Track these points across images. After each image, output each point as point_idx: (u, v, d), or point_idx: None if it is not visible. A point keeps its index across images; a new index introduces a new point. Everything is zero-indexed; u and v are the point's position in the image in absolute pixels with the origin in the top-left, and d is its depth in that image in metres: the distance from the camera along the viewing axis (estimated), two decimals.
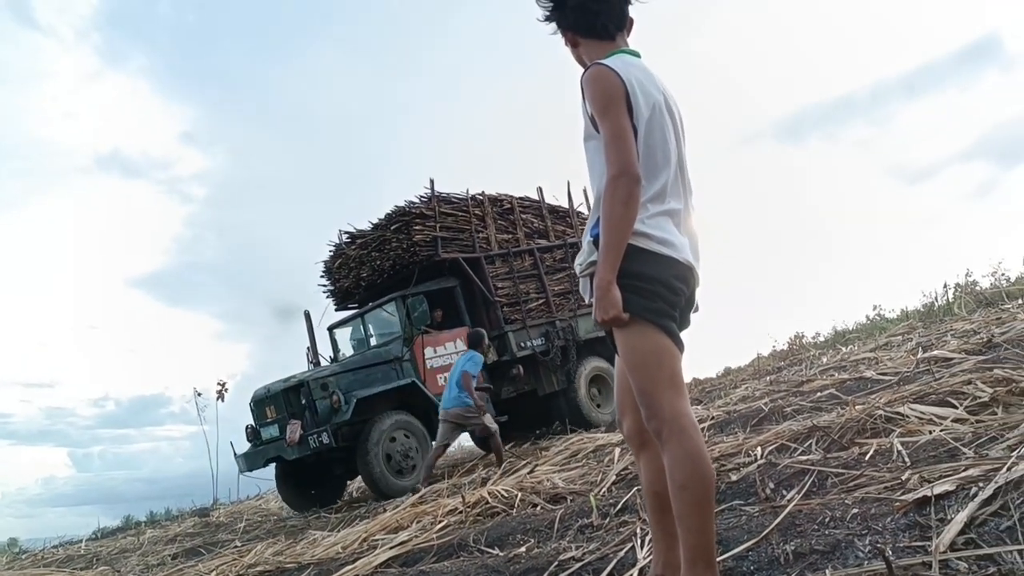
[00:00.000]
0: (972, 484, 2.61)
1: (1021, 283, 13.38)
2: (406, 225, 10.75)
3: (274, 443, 9.66)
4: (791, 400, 6.04)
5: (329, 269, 12.18)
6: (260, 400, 10.13)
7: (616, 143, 2.19)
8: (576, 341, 11.62)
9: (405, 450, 9.25)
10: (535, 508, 4.75)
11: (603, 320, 2.18)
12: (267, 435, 9.95)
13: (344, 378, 9.71)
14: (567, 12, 2.45)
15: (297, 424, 9.23)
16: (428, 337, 10.27)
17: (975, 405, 3.91)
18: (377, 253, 11.08)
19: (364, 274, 11.28)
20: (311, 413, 9.40)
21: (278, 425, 9.72)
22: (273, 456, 9.72)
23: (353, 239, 11.70)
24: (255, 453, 10.02)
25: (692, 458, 2.12)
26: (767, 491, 3.41)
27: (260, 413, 10.11)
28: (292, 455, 9.23)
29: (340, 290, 11.97)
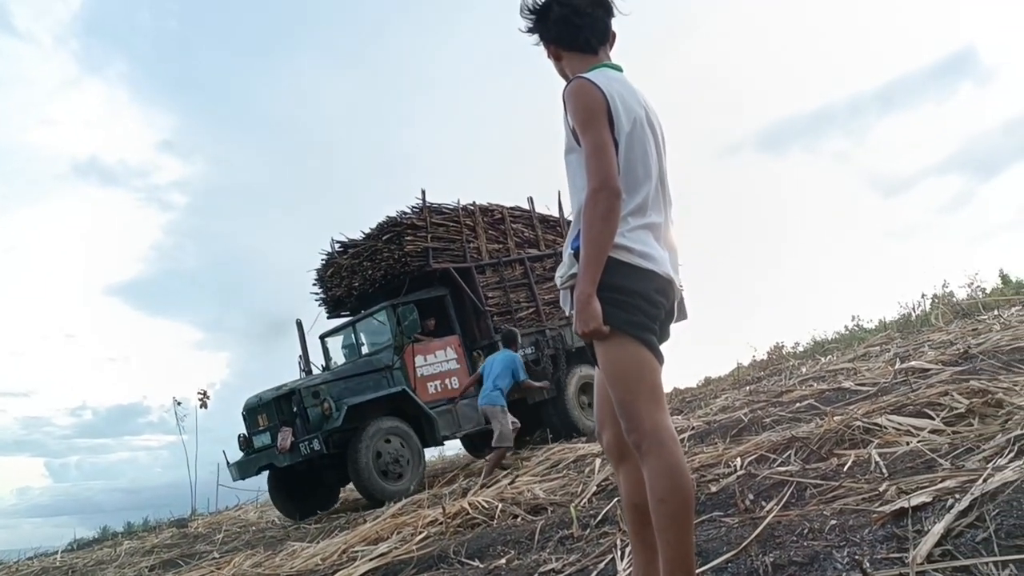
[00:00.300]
0: (948, 496, 2.64)
1: (997, 294, 13.54)
2: (397, 235, 10.82)
3: (266, 451, 9.70)
4: (770, 410, 6.07)
5: (321, 278, 12.23)
6: (252, 408, 10.16)
7: (597, 157, 2.20)
8: (565, 349, 11.71)
9: (395, 456, 9.31)
10: (516, 519, 4.74)
11: (583, 332, 2.19)
12: (259, 443, 9.97)
13: (335, 386, 9.78)
14: (550, 25, 2.47)
15: (288, 431, 9.29)
16: (419, 345, 10.35)
17: (952, 416, 3.95)
18: (369, 263, 11.16)
19: (356, 283, 11.36)
20: (302, 420, 9.45)
21: (270, 433, 9.75)
22: (265, 464, 9.78)
23: (345, 248, 11.79)
24: (247, 461, 10.05)
25: (671, 471, 2.13)
26: (746, 502, 3.42)
27: (252, 421, 10.14)
28: (283, 462, 9.31)
29: (332, 299, 12.03)
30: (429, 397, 10.04)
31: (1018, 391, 4.01)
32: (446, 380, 10.48)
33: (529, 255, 12.09)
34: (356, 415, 9.39)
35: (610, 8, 2.46)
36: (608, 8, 2.45)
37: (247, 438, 10.21)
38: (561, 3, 2.42)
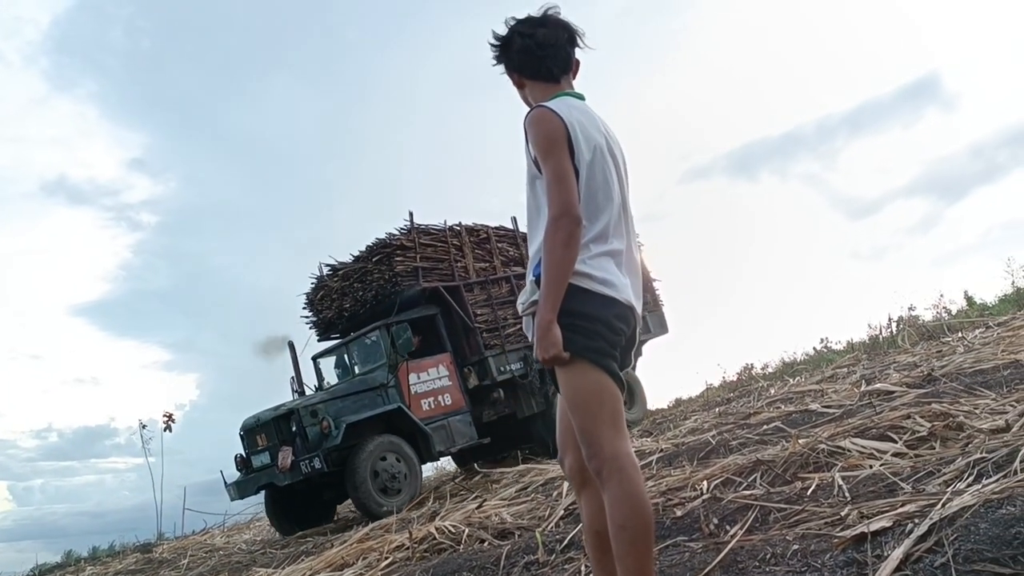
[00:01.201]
0: (908, 520, 2.66)
1: (962, 316, 13.72)
2: (387, 257, 11.01)
3: (266, 470, 9.83)
4: (738, 433, 6.08)
5: (311, 301, 12.39)
6: (250, 429, 10.28)
7: (558, 184, 2.22)
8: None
9: (393, 472, 9.46)
10: (483, 544, 4.71)
11: (544, 359, 2.20)
12: (258, 463, 10.10)
13: (333, 405, 9.95)
14: (513, 55, 2.50)
15: (288, 450, 9.40)
16: (412, 363, 10.51)
17: (914, 439, 3.98)
18: (359, 284, 11.37)
19: (347, 305, 11.56)
20: (302, 439, 9.59)
21: (269, 452, 9.89)
22: (265, 483, 9.88)
23: (335, 271, 11.94)
24: (246, 481, 10.16)
25: (631, 498, 2.13)
26: (711, 527, 3.42)
27: (251, 441, 10.26)
28: (284, 481, 9.39)
29: (323, 321, 12.20)
30: (423, 414, 10.26)
31: (979, 414, 4.06)
32: (439, 397, 10.64)
33: (515, 273, 12.30)
34: (354, 433, 9.54)
35: (574, 38, 2.49)
36: (572, 38, 2.49)
37: (245, 458, 10.31)
38: (523, 34, 2.46)
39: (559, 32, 2.47)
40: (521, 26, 2.48)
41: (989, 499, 2.60)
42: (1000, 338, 7.78)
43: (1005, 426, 3.67)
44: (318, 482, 9.73)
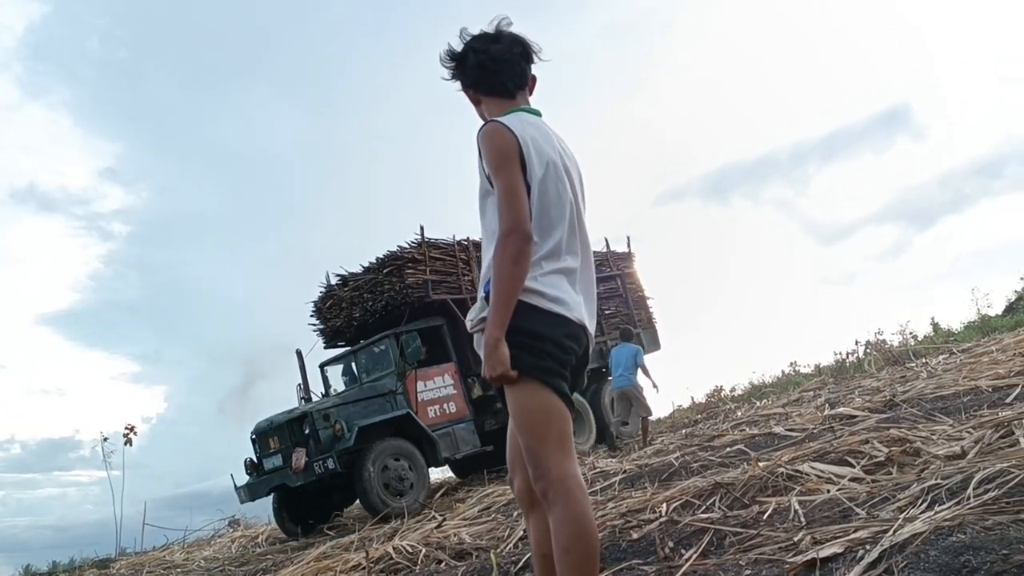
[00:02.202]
0: (860, 546, 2.64)
1: (927, 342, 13.87)
2: (398, 269, 11.37)
3: (278, 472, 10.14)
4: (701, 455, 6.07)
5: (319, 310, 12.68)
6: (263, 432, 10.59)
7: (508, 200, 2.19)
8: None
9: (401, 475, 9.74)
10: (439, 564, 4.64)
11: (490, 377, 2.16)
12: (270, 465, 10.40)
13: (344, 409, 10.25)
14: (468, 71, 2.48)
15: (302, 451, 9.71)
16: (419, 372, 10.83)
17: (872, 464, 3.98)
18: (369, 295, 11.70)
19: (356, 314, 11.87)
20: (315, 442, 9.89)
21: (281, 455, 10.19)
22: (278, 484, 10.14)
23: (345, 282, 12.27)
24: (257, 483, 10.45)
25: (576, 520, 2.09)
26: (666, 550, 3.39)
27: (263, 444, 10.58)
28: (297, 481, 9.69)
29: (331, 329, 12.48)
30: (429, 421, 10.59)
31: (935, 440, 4.07)
32: (444, 405, 10.94)
33: None
34: (365, 436, 9.86)
35: (529, 54, 2.47)
36: (527, 54, 2.47)
37: (255, 461, 10.65)
38: (477, 50, 2.44)
39: (513, 47, 2.44)
40: (475, 42, 2.45)
41: (940, 526, 2.59)
42: (962, 364, 7.86)
43: (961, 452, 3.68)
44: (328, 484, 10.03)
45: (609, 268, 14.24)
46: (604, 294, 13.76)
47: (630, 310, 14.18)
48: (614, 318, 13.80)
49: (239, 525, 13.82)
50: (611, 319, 13.73)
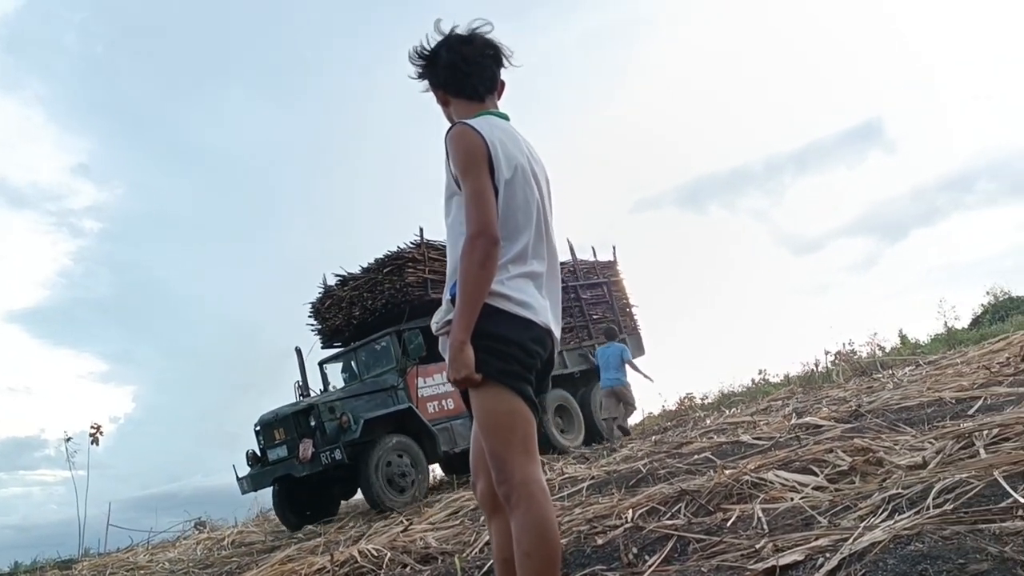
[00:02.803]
0: (820, 554, 2.66)
1: (895, 353, 14.03)
2: (398, 268, 11.72)
3: (282, 463, 10.44)
4: (668, 462, 6.10)
5: (318, 310, 13.10)
6: (268, 423, 10.92)
7: (476, 203, 2.19)
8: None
9: (403, 470, 10.15)
10: (404, 568, 4.63)
11: (454, 380, 2.15)
12: (274, 456, 10.73)
13: (348, 403, 10.60)
14: (438, 71, 2.47)
15: (309, 442, 10.01)
16: (419, 368, 11.17)
17: (835, 473, 4.01)
18: (369, 294, 12.08)
19: (356, 313, 12.25)
20: (321, 433, 10.23)
21: (286, 446, 10.54)
22: (282, 474, 10.41)
23: (345, 281, 12.64)
24: (261, 474, 10.77)
25: (538, 525, 2.09)
26: (630, 556, 3.40)
27: (268, 436, 10.90)
28: (302, 471, 9.99)
29: (329, 328, 12.88)
30: (429, 416, 10.96)
31: (898, 450, 4.11)
32: (443, 401, 11.33)
33: None
34: (370, 429, 10.22)
35: (500, 58, 2.47)
36: (498, 58, 2.47)
37: (259, 453, 11.02)
38: (449, 50, 2.43)
39: (485, 50, 2.44)
40: (447, 42, 2.45)
41: (899, 535, 2.61)
42: (928, 376, 7.96)
43: (922, 463, 3.72)
44: (332, 475, 10.42)
45: (596, 276, 14.77)
46: (591, 300, 14.43)
47: (616, 316, 14.65)
48: (600, 324, 14.16)
49: (205, 527, 13.70)
50: (598, 324, 14.18)
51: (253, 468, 11.05)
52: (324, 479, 10.58)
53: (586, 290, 14.51)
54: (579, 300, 14.29)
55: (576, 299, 14.23)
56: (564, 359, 13.45)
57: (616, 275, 15.40)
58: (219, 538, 11.22)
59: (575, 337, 13.99)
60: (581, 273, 14.54)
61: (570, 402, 13.37)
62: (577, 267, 14.50)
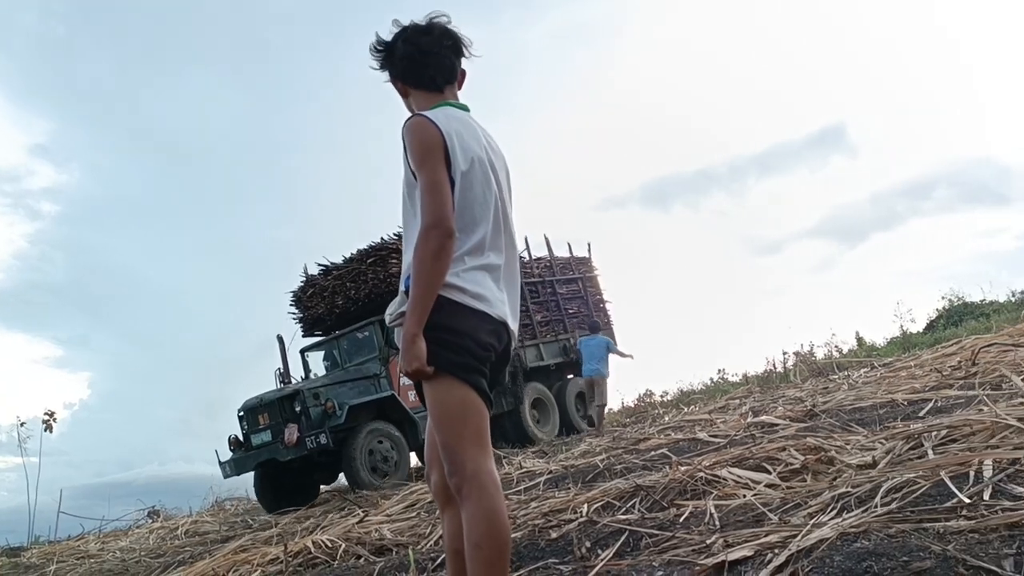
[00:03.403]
0: (769, 550, 2.69)
1: (851, 355, 14.24)
2: (382, 259, 12.03)
3: (266, 447, 10.75)
4: (625, 458, 6.13)
5: (299, 299, 13.37)
6: (252, 408, 11.18)
7: (431, 194, 2.18)
8: (523, 368, 13.23)
9: (385, 455, 10.50)
10: (358, 560, 4.60)
11: (406, 372, 2.15)
12: (258, 441, 11.02)
13: (332, 389, 10.90)
14: (396, 62, 2.46)
15: (295, 427, 10.31)
16: None
17: (787, 471, 4.06)
18: (352, 284, 12.33)
19: (339, 302, 12.52)
20: (306, 418, 10.51)
21: (271, 431, 10.81)
22: (266, 459, 10.70)
23: (328, 271, 12.94)
24: (245, 458, 11.04)
25: (489, 516, 2.09)
26: (583, 550, 3.41)
27: (252, 421, 11.16)
28: (287, 456, 10.29)
29: (311, 317, 13.18)
30: (410, 404, 11.13)
31: (849, 450, 4.17)
32: None
33: None
34: (354, 415, 10.54)
35: (459, 49, 2.46)
36: (457, 48, 2.46)
37: (242, 438, 11.28)
38: (406, 41, 2.42)
39: (443, 40, 2.43)
40: (405, 33, 2.44)
41: (846, 532, 2.65)
42: (882, 378, 8.09)
43: (872, 462, 3.78)
44: (316, 460, 10.64)
45: (572, 271, 15.29)
46: (567, 295, 15.06)
47: (590, 311, 15.10)
48: (575, 318, 14.81)
49: (158, 516, 13.53)
50: (573, 318, 14.81)
51: (236, 453, 11.28)
52: (306, 464, 10.79)
53: (562, 285, 14.97)
54: (556, 295, 14.68)
55: (553, 293, 14.64)
56: (541, 352, 13.92)
57: (591, 271, 15.89)
58: (173, 527, 11.08)
59: (551, 331, 14.40)
60: (557, 268, 14.97)
61: (546, 395, 13.83)
62: (554, 262, 14.93)
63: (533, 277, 14.31)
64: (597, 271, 16.05)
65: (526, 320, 13.76)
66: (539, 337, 13.98)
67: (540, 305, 14.37)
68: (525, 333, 13.72)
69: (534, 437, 12.90)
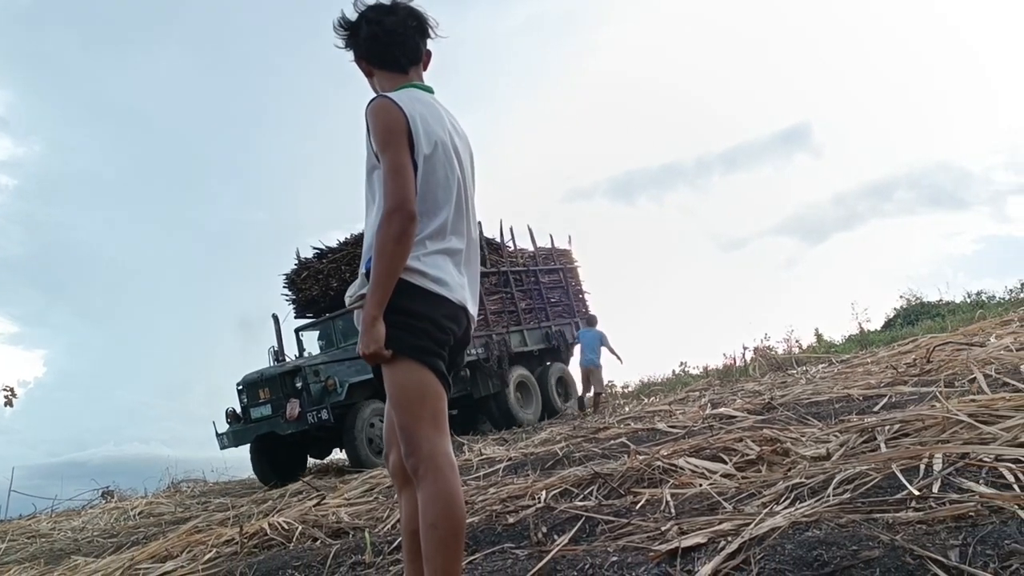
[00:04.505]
0: (722, 538, 2.73)
1: (810, 351, 14.43)
2: None
3: (265, 421, 11.17)
4: (585, 446, 6.17)
5: (292, 280, 13.79)
6: (252, 383, 11.59)
7: (394, 178, 2.17)
8: (508, 352, 13.80)
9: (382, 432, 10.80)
10: (314, 542, 4.58)
11: (364, 354, 2.14)
12: (258, 414, 11.43)
13: (331, 367, 11.18)
14: (360, 42, 2.44)
15: (296, 402, 10.65)
16: None
17: (743, 462, 4.11)
18: (347, 266, 12.73)
19: (334, 284, 12.94)
20: (307, 394, 10.84)
21: (271, 405, 11.23)
22: (265, 432, 11.12)
23: (323, 254, 13.38)
24: (244, 430, 11.46)
25: (444, 497, 2.10)
26: (539, 535, 3.43)
27: (252, 394, 11.57)
28: (287, 429, 10.68)
29: (305, 299, 13.60)
30: None
31: (804, 442, 4.23)
32: None
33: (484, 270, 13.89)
34: (353, 393, 10.87)
35: (425, 29, 2.44)
36: (423, 29, 2.44)
37: (240, 411, 11.70)
38: (370, 20, 2.40)
39: (408, 20, 2.41)
40: (369, 12, 2.41)
41: (798, 521, 2.69)
42: (839, 374, 8.21)
43: (826, 454, 3.84)
44: (313, 436, 11.15)
45: (554, 262, 15.95)
46: (549, 284, 15.60)
47: (571, 300, 15.89)
48: (557, 307, 15.55)
49: (113, 497, 13.37)
50: (555, 307, 15.51)
51: (234, 425, 11.67)
52: (303, 439, 11.30)
53: (545, 275, 15.53)
54: (538, 284, 15.24)
55: (536, 283, 15.19)
56: (524, 337, 14.47)
57: (572, 262, 16.54)
58: (127, 508, 10.95)
59: (534, 318, 14.96)
60: (540, 258, 15.56)
61: (529, 379, 14.43)
62: (537, 253, 15.53)
63: (517, 266, 14.88)
64: (577, 263, 16.65)
65: (511, 307, 14.47)
66: (523, 324, 14.55)
67: (524, 293, 14.88)
68: (510, 319, 14.34)
69: (518, 419, 13.48)
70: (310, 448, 12.09)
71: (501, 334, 14.00)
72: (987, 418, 3.59)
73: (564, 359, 15.60)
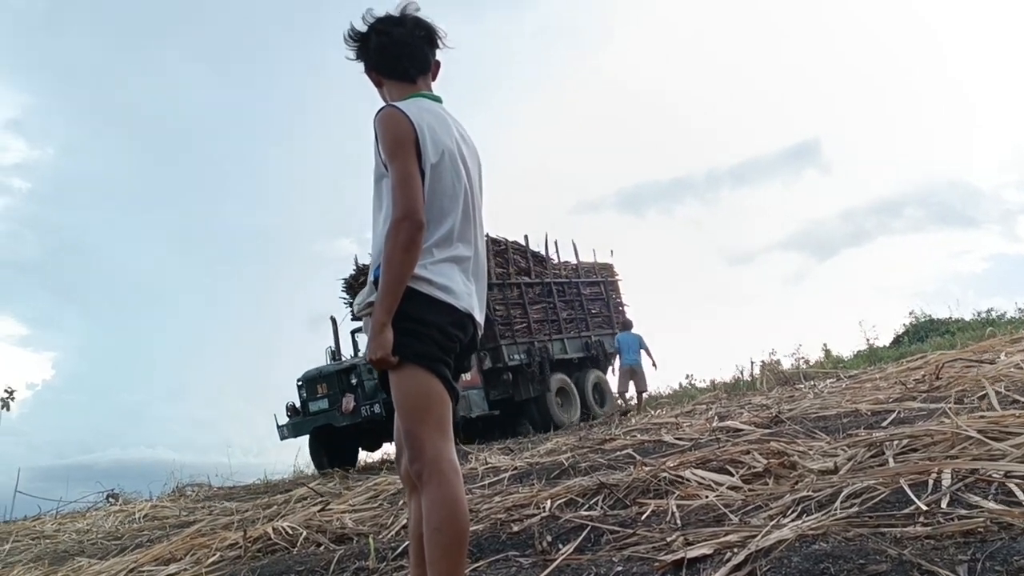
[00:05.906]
0: (728, 549, 2.71)
1: (818, 366, 14.39)
2: None
3: (323, 414, 12.16)
4: (591, 456, 6.15)
5: (351, 285, 14.83)
6: (312, 379, 12.61)
7: (402, 186, 2.19)
8: (549, 358, 14.66)
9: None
10: (318, 547, 4.57)
11: (372, 360, 2.16)
12: (315, 408, 12.40)
13: None
14: (370, 53, 2.46)
15: (351, 396, 11.54)
16: None
17: (750, 474, 4.09)
18: None
19: None
20: (361, 390, 11.78)
21: (328, 399, 12.17)
22: (322, 424, 12.13)
23: None
24: (302, 422, 12.47)
25: (448, 503, 2.10)
26: (544, 544, 3.42)
27: (311, 390, 12.55)
28: (343, 422, 11.64)
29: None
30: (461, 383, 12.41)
31: (812, 455, 4.20)
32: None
33: (523, 281, 14.89)
34: None
35: (433, 40, 2.47)
36: (431, 39, 2.46)
37: (301, 405, 12.65)
38: (379, 32, 2.43)
39: (416, 31, 2.44)
40: (379, 24, 2.44)
41: (805, 534, 2.68)
42: (847, 389, 8.17)
43: (834, 468, 3.81)
44: (365, 428, 12.01)
45: (595, 275, 16.87)
46: (590, 296, 16.55)
47: (611, 312, 16.75)
48: (597, 318, 16.45)
49: (117, 500, 13.38)
50: (595, 318, 16.41)
51: (293, 418, 12.63)
52: (356, 432, 12.22)
53: (586, 287, 16.40)
54: (580, 296, 16.10)
55: (577, 294, 16.05)
56: (565, 345, 15.29)
57: (613, 275, 17.44)
58: (132, 511, 10.96)
59: (575, 328, 15.79)
60: (583, 271, 16.45)
61: (568, 384, 15.20)
62: (579, 265, 16.41)
63: (560, 277, 15.72)
64: (619, 277, 17.51)
65: (553, 316, 15.39)
66: (564, 332, 15.37)
67: (566, 304, 15.68)
68: (552, 328, 15.23)
69: (558, 421, 14.20)
70: (362, 440, 12.98)
71: (543, 341, 14.74)
72: (997, 434, 3.56)
73: (602, 367, 16.25)
